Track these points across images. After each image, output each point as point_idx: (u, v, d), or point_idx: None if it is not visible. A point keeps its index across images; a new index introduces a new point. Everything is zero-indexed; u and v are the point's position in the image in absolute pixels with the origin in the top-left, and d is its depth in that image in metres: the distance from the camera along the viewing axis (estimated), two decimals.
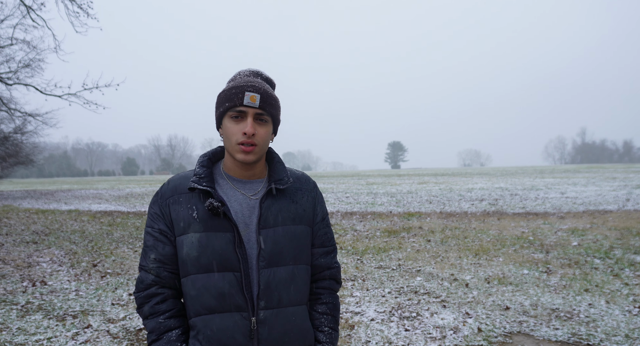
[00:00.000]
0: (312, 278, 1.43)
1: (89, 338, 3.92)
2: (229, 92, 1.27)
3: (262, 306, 1.28)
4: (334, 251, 1.48)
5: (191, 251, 1.26)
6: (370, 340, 3.83)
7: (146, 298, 1.31)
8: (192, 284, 1.27)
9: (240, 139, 1.25)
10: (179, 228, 1.28)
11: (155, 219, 1.32)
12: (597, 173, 38.79)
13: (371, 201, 18.10)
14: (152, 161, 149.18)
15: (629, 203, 14.27)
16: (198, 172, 1.31)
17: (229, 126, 1.27)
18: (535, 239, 8.32)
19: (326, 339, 1.42)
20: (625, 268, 6.07)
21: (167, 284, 1.32)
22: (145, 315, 1.32)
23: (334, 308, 1.46)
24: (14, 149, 25.81)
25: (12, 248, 8.43)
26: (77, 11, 11.68)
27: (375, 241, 8.74)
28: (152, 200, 1.35)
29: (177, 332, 1.30)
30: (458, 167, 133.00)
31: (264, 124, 1.28)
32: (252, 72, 1.37)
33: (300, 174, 1.46)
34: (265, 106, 1.27)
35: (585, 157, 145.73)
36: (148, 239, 1.32)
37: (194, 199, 1.29)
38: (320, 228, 1.43)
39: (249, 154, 1.26)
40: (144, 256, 1.33)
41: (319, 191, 1.48)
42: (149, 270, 1.31)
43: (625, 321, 4.13)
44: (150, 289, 1.31)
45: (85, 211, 16.24)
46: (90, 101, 13.49)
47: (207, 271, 1.26)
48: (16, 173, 42.56)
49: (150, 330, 1.31)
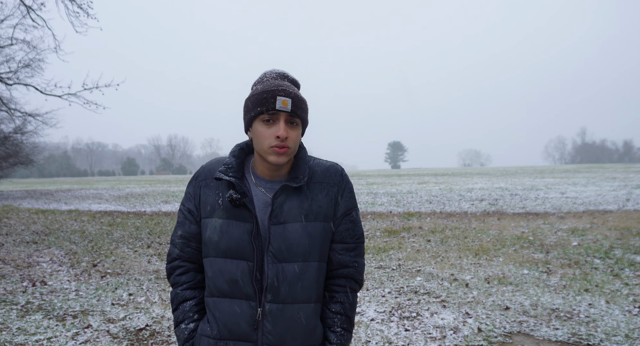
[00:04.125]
0: (328, 274, 1.41)
1: (89, 338, 3.92)
2: (260, 96, 1.28)
3: (268, 299, 1.31)
4: (356, 248, 1.42)
5: (213, 235, 1.33)
6: (370, 340, 3.83)
7: (171, 270, 1.44)
8: (210, 265, 1.35)
9: (273, 142, 1.27)
10: (206, 211, 1.36)
11: (187, 198, 1.41)
12: (597, 172, 38.79)
13: (371, 201, 18.10)
14: (152, 161, 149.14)
15: (629, 203, 14.27)
16: (228, 161, 1.36)
17: (260, 129, 1.29)
18: (535, 239, 8.32)
19: (337, 340, 1.39)
20: (625, 268, 6.07)
21: (190, 259, 1.42)
22: (171, 284, 1.45)
23: (349, 308, 1.42)
24: (14, 149, 25.80)
25: (12, 248, 8.43)
26: (77, 11, 11.67)
27: (375, 241, 8.75)
28: (190, 179, 1.44)
29: (191, 303, 1.40)
30: (458, 168, 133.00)
31: (295, 127, 1.31)
32: (279, 74, 1.38)
33: (327, 166, 1.42)
34: (297, 109, 1.29)
35: (585, 157, 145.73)
36: (179, 215, 1.43)
37: (222, 186, 1.35)
38: (342, 223, 1.39)
39: (282, 156, 1.28)
40: (175, 230, 1.44)
41: (347, 184, 1.41)
42: (176, 245, 1.42)
43: (625, 321, 4.13)
44: (175, 261, 1.43)
45: (85, 211, 16.24)
46: (90, 101, 13.47)
47: (224, 257, 1.32)
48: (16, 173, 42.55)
49: (172, 300, 1.44)
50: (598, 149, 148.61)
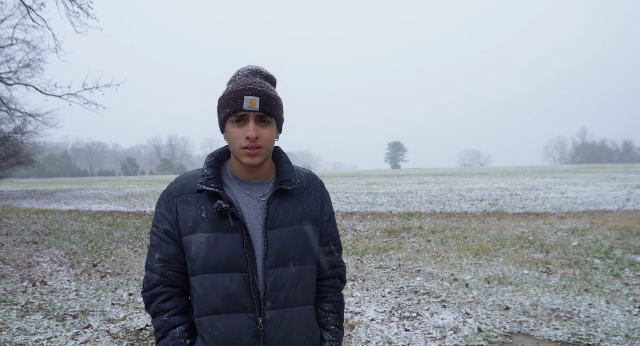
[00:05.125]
0: (318, 276, 1.44)
1: (89, 338, 3.92)
2: (228, 97, 1.26)
3: (268, 307, 1.29)
4: (339, 249, 1.49)
5: (199, 251, 1.27)
6: (370, 340, 3.83)
7: (152, 297, 1.34)
8: (199, 283, 1.28)
9: (244, 143, 1.25)
10: (187, 228, 1.29)
11: (160, 219, 1.33)
12: (597, 173, 38.78)
13: (371, 201, 18.10)
14: (152, 161, 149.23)
15: (629, 203, 14.27)
16: (206, 173, 1.31)
17: (231, 130, 1.27)
18: (535, 239, 8.32)
19: (332, 337, 1.44)
20: (625, 268, 6.07)
21: (172, 283, 1.33)
22: (152, 313, 1.34)
23: (340, 306, 1.48)
24: (14, 149, 25.80)
25: (12, 248, 8.43)
26: (77, 11, 11.68)
27: (375, 241, 8.74)
28: (158, 199, 1.36)
29: (181, 329, 1.32)
30: (458, 167, 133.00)
31: (266, 125, 1.28)
32: (251, 71, 1.34)
33: (307, 173, 1.46)
34: (266, 107, 1.26)
35: (585, 157, 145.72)
36: (153, 238, 1.34)
37: (202, 199, 1.30)
38: (328, 227, 1.45)
39: (255, 157, 1.26)
40: (150, 255, 1.35)
41: (326, 190, 1.48)
42: (154, 269, 1.33)
43: (625, 321, 4.13)
44: (155, 288, 1.33)
45: (85, 211, 16.24)
46: (90, 101, 13.48)
47: (214, 271, 1.27)
48: (16, 173, 42.56)
49: (157, 328, 1.33)
50: (598, 149, 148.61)
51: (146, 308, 1.36)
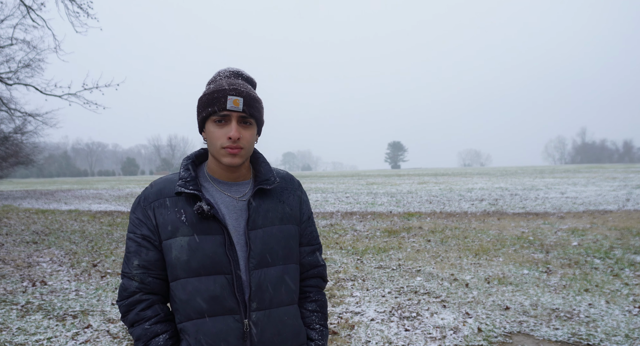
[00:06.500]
0: (300, 276, 1.44)
1: (89, 338, 3.92)
2: (211, 96, 1.24)
3: (254, 308, 1.28)
4: (319, 249, 1.49)
5: (181, 255, 1.24)
6: (370, 340, 3.83)
7: (131, 306, 1.29)
8: (182, 288, 1.26)
9: (225, 143, 1.23)
10: (166, 232, 1.26)
11: (137, 225, 1.29)
12: (597, 172, 38.78)
13: (371, 201, 18.10)
14: (152, 161, 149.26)
15: (629, 203, 14.27)
16: (183, 175, 1.29)
17: (212, 130, 1.25)
18: (535, 239, 8.32)
19: (318, 336, 1.44)
20: (625, 268, 6.07)
21: (152, 290, 1.29)
22: (130, 322, 1.29)
23: (323, 305, 1.48)
24: (14, 149, 25.83)
25: (12, 248, 8.43)
26: (77, 11, 11.70)
27: (375, 241, 8.75)
28: (133, 205, 1.32)
29: (164, 337, 1.28)
30: (458, 167, 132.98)
31: (248, 127, 1.27)
32: (232, 72, 1.33)
33: (284, 173, 1.47)
34: (249, 109, 1.25)
35: (585, 157, 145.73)
36: (130, 245, 1.30)
37: (181, 202, 1.27)
38: (307, 227, 1.44)
39: (236, 157, 1.24)
40: (127, 262, 1.30)
41: (304, 190, 1.49)
42: (133, 277, 1.28)
43: (625, 321, 4.13)
44: (134, 296, 1.29)
45: (85, 211, 16.24)
46: (90, 101, 13.50)
47: (197, 275, 1.24)
48: (16, 172, 42.57)
49: (137, 338, 1.28)
50: (598, 149, 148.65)
51: (123, 317, 1.31)
